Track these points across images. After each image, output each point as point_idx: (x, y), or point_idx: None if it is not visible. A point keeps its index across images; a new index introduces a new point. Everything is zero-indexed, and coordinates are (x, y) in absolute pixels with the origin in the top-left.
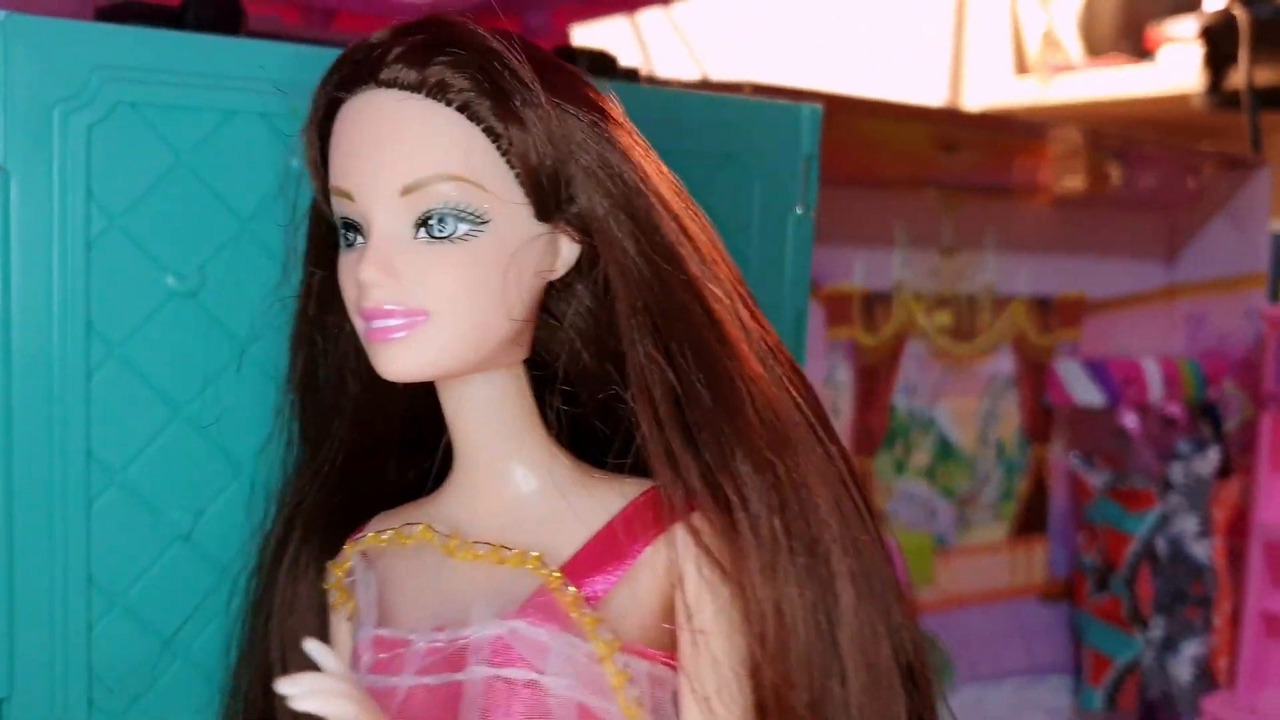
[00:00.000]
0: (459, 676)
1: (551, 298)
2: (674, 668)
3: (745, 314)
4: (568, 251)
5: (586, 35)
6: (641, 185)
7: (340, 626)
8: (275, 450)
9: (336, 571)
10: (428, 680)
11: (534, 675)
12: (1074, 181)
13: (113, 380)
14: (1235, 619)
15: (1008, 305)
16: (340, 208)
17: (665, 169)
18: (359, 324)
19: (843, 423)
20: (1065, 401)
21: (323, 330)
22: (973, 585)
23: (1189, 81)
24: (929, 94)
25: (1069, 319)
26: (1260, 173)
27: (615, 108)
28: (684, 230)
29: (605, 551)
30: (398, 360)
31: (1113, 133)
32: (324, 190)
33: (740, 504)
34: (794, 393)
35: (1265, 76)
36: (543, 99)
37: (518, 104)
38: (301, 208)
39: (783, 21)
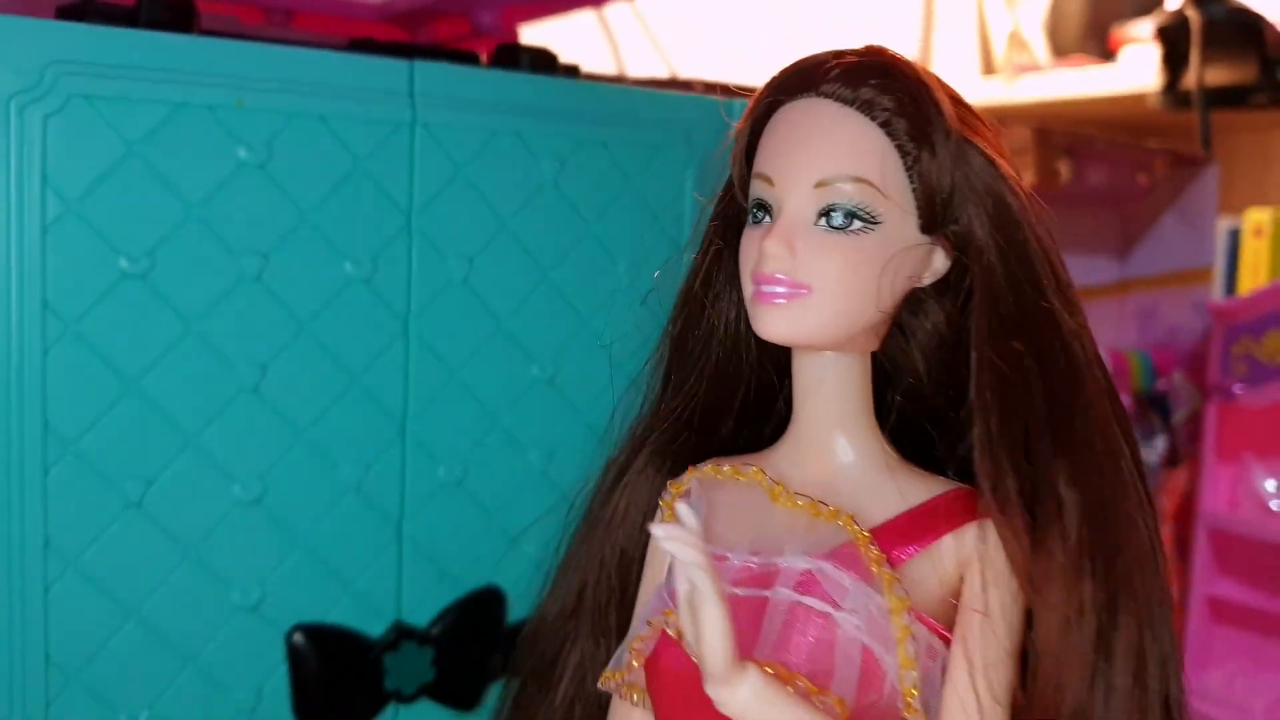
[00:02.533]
0: (765, 593)
1: (905, 308)
2: (948, 642)
3: (1091, 349)
4: (939, 264)
5: (551, 34)
6: (1020, 217)
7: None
8: (227, 426)
9: (674, 489)
10: (739, 591)
11: (830, 609)
12: (1024, 178)
13: (68, 356)
14: (1181, 604)
15: None
16: (758, 190)
17: (1038, 203)
18: (748, 287)
19: None
20: None
21: (705, 297)
22: None
23: (1149, 81)
24: None
25: None
26: (1209, 169)
27: (1004, 146)
28: (1050, 264)
29: (913, 527)
30: (775, 322)
31: (1063, 130)
32: (743, 175)
33: (1054, 520)
34: (1120, 431)
35: (1216, 76)
36: (953, 130)
37: (931, 130)
38: (258, 197)
39: (751, 18)
